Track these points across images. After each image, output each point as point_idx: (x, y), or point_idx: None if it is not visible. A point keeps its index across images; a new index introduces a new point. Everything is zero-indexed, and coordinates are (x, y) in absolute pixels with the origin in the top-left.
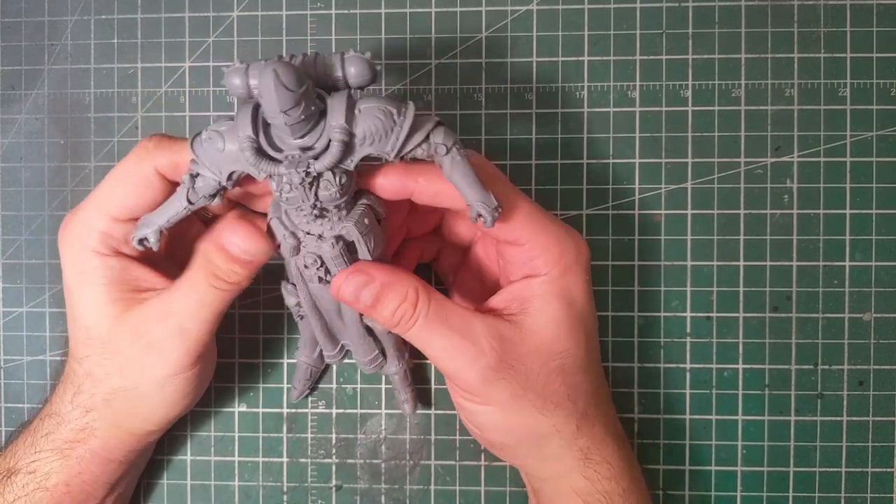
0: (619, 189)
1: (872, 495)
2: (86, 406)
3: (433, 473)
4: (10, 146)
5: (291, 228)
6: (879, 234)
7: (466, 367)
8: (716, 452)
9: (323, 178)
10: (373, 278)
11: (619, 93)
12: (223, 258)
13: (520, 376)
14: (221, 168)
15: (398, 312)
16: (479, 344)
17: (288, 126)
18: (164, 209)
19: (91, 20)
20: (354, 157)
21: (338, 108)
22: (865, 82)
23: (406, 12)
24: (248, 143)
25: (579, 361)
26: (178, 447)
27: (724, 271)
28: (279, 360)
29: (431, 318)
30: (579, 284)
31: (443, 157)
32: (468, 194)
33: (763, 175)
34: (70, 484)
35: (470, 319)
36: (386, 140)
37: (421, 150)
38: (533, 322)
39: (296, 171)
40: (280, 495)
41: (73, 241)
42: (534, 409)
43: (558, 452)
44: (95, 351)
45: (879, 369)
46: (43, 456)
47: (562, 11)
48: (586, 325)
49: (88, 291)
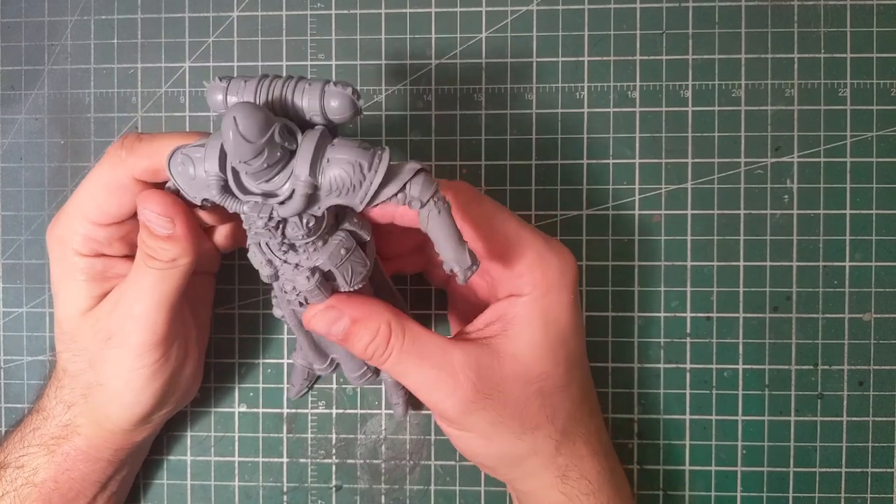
0: (619, 189)
1: (872, 495)
2: (67, 401)
3: (433, 473)
4: (10, 146)
5: (269, 256)
6: (879, 235)
7: (443, 399)
8: (716, 453)
9: (290, 220)
10: (342, 314)
11: (619, 93)
12: (147, 234)
13: (497, 404)
14: (191, 192)
15: (370, 348)
16: (455, 376)
17: (248, 175)
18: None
19: (91, 20)
20: (321, 205)
21: (304, 155)
22: (865, 82)
23: (406, 12)
24: (215, 181)
25: (559, 381)
26: (178, 447)
27: (724, 271)
28: (279, 360)
29: (406, 352)
30: (562, 304)
31: (420, 210)
32: (443, 250)
33: (763, 175)
34: (58, 480)
35: (446, 350)
36: (354, 193)
37: (395, 200)
38: (512, 346)
39: (258, 216)
40: (280, 495)
41: (58, 242)
42: (512, 435)
43: (537, 470)
44: (66, 347)
45: (879, 369)
46: (31, 451)
47: (562, 11)
48: (567, 345)
49: (69, 288)
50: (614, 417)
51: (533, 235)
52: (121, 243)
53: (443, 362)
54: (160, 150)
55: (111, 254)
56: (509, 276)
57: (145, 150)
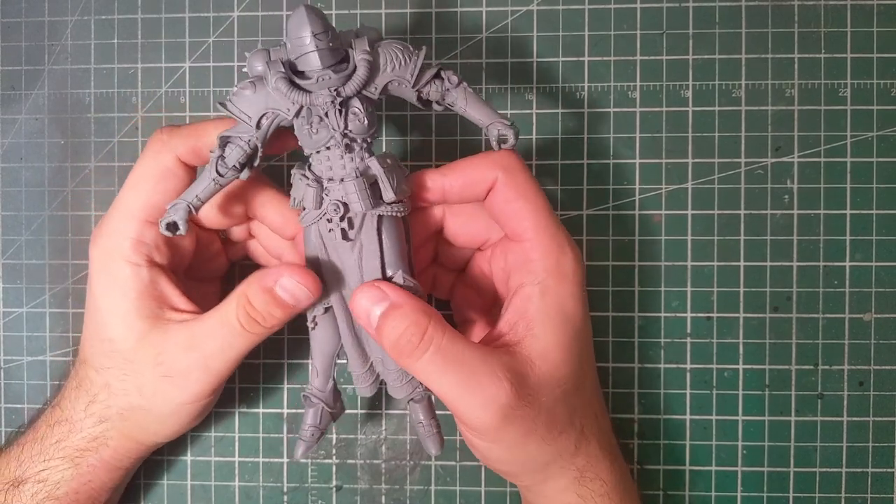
0: (619, 189)
1: (873, 495)
2: (100, 416)
3: (433, 474)
4: (10, 146)
5: (317, 175)
6: (879, 235)
7: (481, 409)
8: (716, 453)
9: (351, 107)
10: (385, 296)
11: (620, 93)
12: (265, 300)
13: (533, 411)
14: (252, 113)
15: (404, 336)
16: (497, 382)
17: (318, 52)
18: (193, 186)
19: (91, 20)
20: (378, 83)
21: (360, 43)
22: (866, 82)
23: (406, 12)
24: (281, 75)
25: (578, 381)
26: (178, 447)
27: (725, 272)
28: (279, 361)
29: (444, 352)
30: (575, 297)
31: (456, 89)
32: (485, 118)
33: (763, 175)
34: (79, 492)
35: (486, 356)
36: (405, 68)
37: (434, 88)
38: (541, 348)
39: (328, 90)
40: (280, 496)
41: (104, 252)
42: (541, 441)
43: (558, 473)
44: (116, 365)
45: (880, 369)
46: (53, 464)
47: (562, 11)
48: (582, 342)
49: (117, 302)
50: (615, 417)
51: (558, 225)
52: (166, 248)
53: (484, 367)
54: (201, 131)
55: (158, 260)
56: (522, 257)
57: (186, 131)
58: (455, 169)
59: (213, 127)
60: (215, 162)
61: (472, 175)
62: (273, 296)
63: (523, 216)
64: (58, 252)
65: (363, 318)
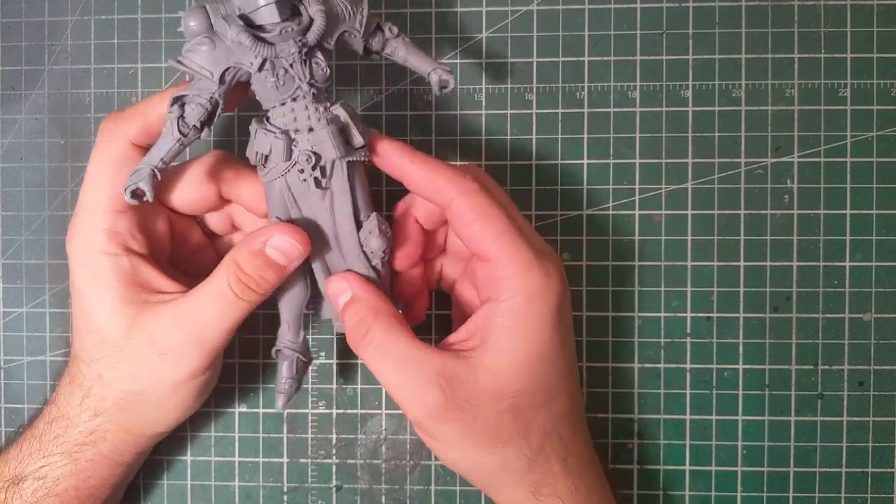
0: (619, 189)
1: (873, 496)
2: (95, 409)
3: (433, 474)
4: (10, 146)
5: (283, 128)
6: (879, 235)
7: (413, 402)
8: (716, 453)
9: (314, 57)
10: (348, 290)
11: (620, 93)
12: (257, 264)
13: (467, 416)
14: (213, 69)
15: (354, 329)
16: (428, 382)
17: (276, 4)
18: (156, 149)
19: (91, 20)
20: (333, 35)
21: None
22: (866, 82)
23: (406, 12)
24: (242, 29)
25: (535, 399)
26: (178, 447)
27: (725, 271)
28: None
29: (384, 347)
30: (544, 318)
31: (396, 40)
32: (426, 65)
33: (763, 175)
34: (79, 488)
35: (423, 356)
36: (354, 18)
37: (377, 39)
38: (490, 360)
39: (293, 41)
40: (280, 496)
41: (81, 248)
42: (480, 449)
43: (509, 484)
44: (108, 354)
45: (880, 369)
46: (52, 461)
47: (562, 11)
48: (548, 363)
49: (101, 293)
50: (614, 417)
51: (526, 246)
52: (142, 235)
53: (416, 368)
54: (147, 108)
55: (135, 248)
56: (488, 276)
57: (132, 113)
58: (422, 166)
59: (157, 101)
60: (176, 122)
61: (428, 187)
62: (264, 258)
63: (482, 238)
64: (58, 252)
65: (332, 298)
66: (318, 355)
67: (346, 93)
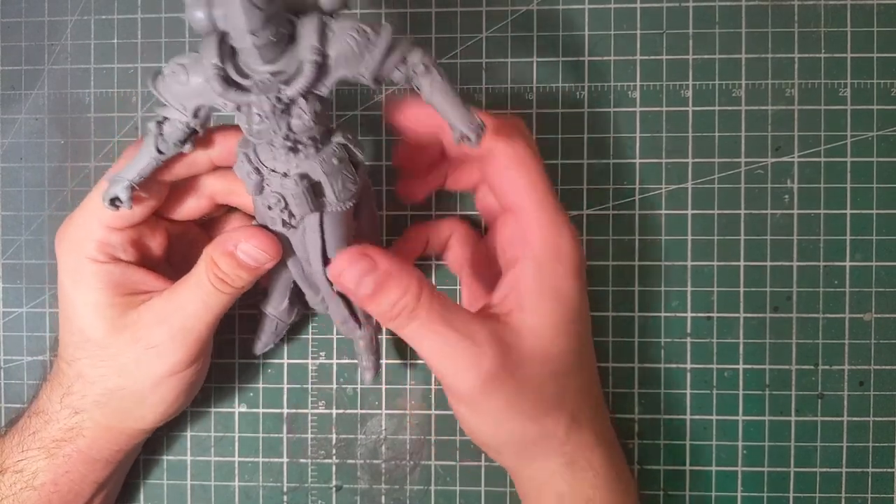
0: (619, 189)
1: (873, 496)
2: (75, 407)
3: (433, 474)
4: (10, 146)
5: (256, 164)
6: (880, 234)
7: (465, 372)
8: (716, 453)
9: (295, 105)
10: (376, 265)
11: (620, 93)
12: (230, 264)
13: (517, 383)
14: (186, 104)
15: (399, 305)
16: (481, 347)
17: (257, 49)
18: (134, 163)
19: (91, 20)
20: (328, 80)
21: (308, 29)
22: (866, 82)
23: (406, 12)
24: (215, 72)
25: (572, 362)
26: (178, 447)
27: (725, 271)
28: (279, 361)
29: (433, 316)
30: (572, 277)
31: (422, 78)
32: (449, 115)
33: (763, 175)
34: (58, 483)
35: (473, 321)
36: (361, 60)
37: (398, 74)
38: (529, 321)
39: (266, 96)
40: (280, 496)
41: (70, 250)
42: (525, 418)
43: (545, 457)
44: (90, 353)
45: (880, 369)
46: (30, 455)
47: (562, 11)
48: (578, 323)
49: (86, 295)
50: (615, 417)
51: (558, 205)
52: (133, 248)
53: (469, 332)
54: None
55: (125, 258)
56: (522, 233)
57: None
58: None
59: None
60: (154, 140)
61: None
62: (236, 259)
63: (520, 188)
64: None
65: (350, 287)
66: (318, 355)
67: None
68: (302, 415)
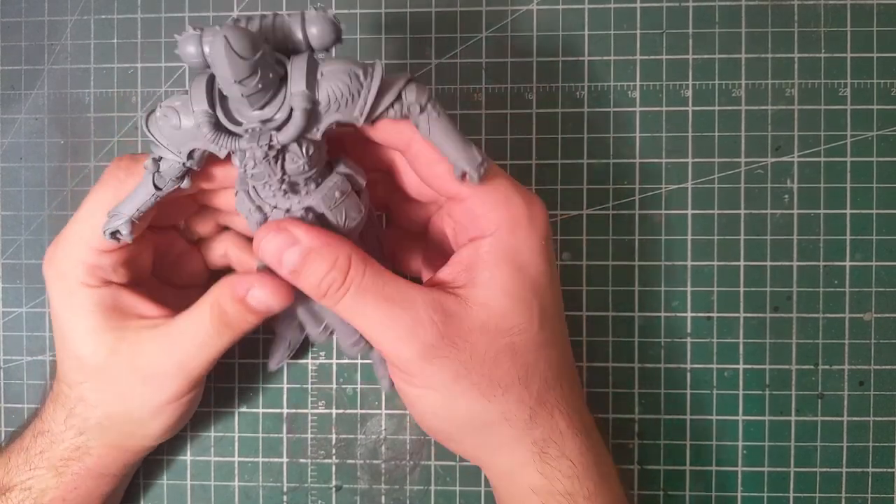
0: (619, 189)
1: (873, 495)
2: (79, 428)
3: (433, 474)
4: (10, 146)
5: (258, 202)
6: (880, 234)
7: (403, 342)
8: (716, 453)
9: (289, 149)
10: (296, 240)
11: (619, 93)
12: (239, 308)
13: (463, 355)
14: (180, 147)
15: (325, 280)
16: (418, 316)
17: (245, 97)
18: (132, 198)
19: (91, 20)
20: (320, 125)
21: (298, 73)
22: (866, 82)
23: (406, 12)
24: (205, 119)
25: (533, 338)
26: (178, 447)
27: (725, 271)
28: None
29: (365, 288)
30: (532, 248)
31: (418, 117)
32: (450, 152)
33: (763, 175)
34: (66, 499)
35: (410, 290)
36: (353, 104)
37: (393, 112)
38: (480, 294)
39: (258, 145)
40: (280, 496)
41: (60, 275)
42: (478, 393)
43: (509, 444)
44: (89, 378)
45: (880, 369)
46: (38, 473)
47: (562, 11)
48: (541, 297)
49: (80, 322)
50: (615, 418)
51: (502, 177)
52: (125, 268)
53: (405, 302)
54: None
55: (117, 280)
56: (467, 216)
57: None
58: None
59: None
60: (151, 177)
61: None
62: (246, 305)
63: (449, 176)
64: None
65: (273, 263)
66: (318, 355)
67: None
68: (302, 415)
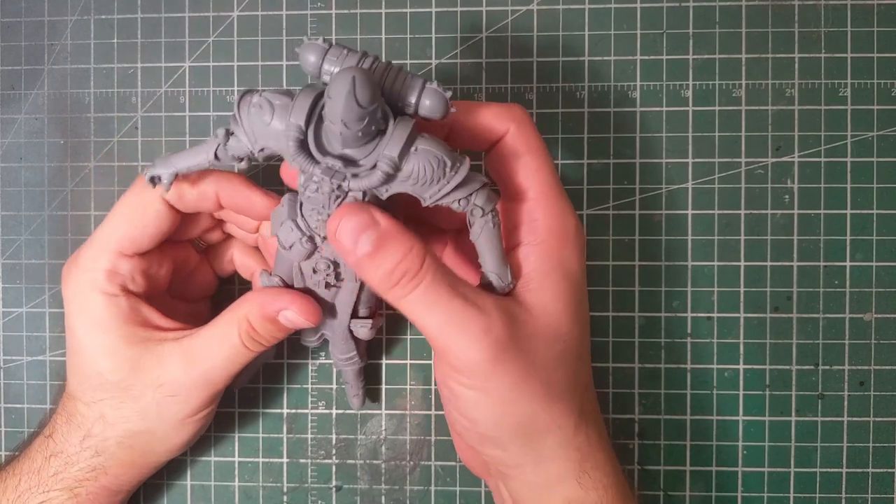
0: (619, 189)
1: (873, 496)
2: (97, 449)
3: (433, 474)
4: (10, 146)
5: (309, 233)
6: (880, 234)
7: (474, 342)
8: (716, 453)
9: (350, 194)
10: (376, 222)
11: (620, 93)
12: (269, 328)
13: (527, 359)
14: (258, 139)
15: (400, 268)
16: (492, 318)
17: (342, 137)
18: (187, 155)
19: (91, 20)
20: (391, 188)
21: (398, 138)
22: (866, 82)
23: (406, 12)
24: (295, 133)
25: (578, 348)
26: None
27: (725, 271)
28: (279, 361)
29: (438, 282)
30: (577, 260)
31: (477, 219)
32: (488, 262)
33: (763, 175)
34: None
35: (479, 290)
36: (428, 187)
37: (457, 205)
38: (538, 299)
39: (330, 180)
40: (280, 496)
41: (79, 285)
42: (535, 399)
43: (556, 453)
44: (111, 395)
45: (880, 369)
46: (53, 495)
47: (562, 11)
48: (584, 307)
49: (100, 336)
50: (615, 418)
51: (562, 190)
52: (143, 279)
53: (479, 301)
54: (193, 178)
55: (133, 290)
56: (528, 219)
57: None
58: (468, 110)
59: (210, 179)
60: (215, 147)
61: (484, 120)
62: (277, 324)
63: (530, 173)
64: (57, 252)
65: (348, 244)
66: (318, 355)
67: None
68: (302, 415)
